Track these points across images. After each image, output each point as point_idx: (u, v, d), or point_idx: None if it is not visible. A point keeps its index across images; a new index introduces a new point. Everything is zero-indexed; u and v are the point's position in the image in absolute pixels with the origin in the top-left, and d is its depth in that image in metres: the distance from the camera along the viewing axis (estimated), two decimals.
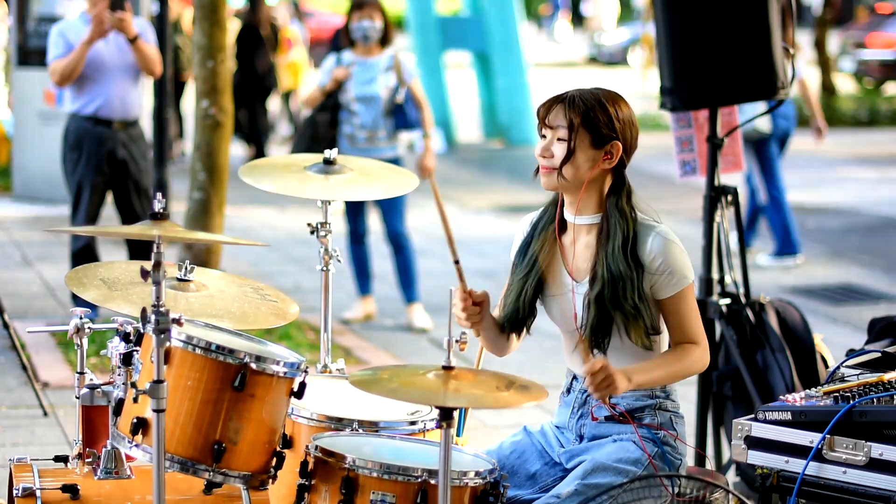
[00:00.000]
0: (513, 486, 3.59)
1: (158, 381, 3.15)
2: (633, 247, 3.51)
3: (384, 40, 7.96)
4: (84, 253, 7.54)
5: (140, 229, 3.36)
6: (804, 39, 21.32)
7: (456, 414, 3.20)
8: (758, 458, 3.57)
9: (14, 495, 3.46)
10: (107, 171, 7.55)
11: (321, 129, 7.88)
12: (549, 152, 3.55)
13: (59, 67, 7.36)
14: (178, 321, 3.16)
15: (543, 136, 3.57)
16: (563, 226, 3.65)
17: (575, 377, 3.68)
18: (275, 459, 3.43)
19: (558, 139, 3.53)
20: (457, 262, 3.48)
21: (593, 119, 3.50)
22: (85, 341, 3.74)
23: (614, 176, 3.58)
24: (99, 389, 3.67)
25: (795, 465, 3.49)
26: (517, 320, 3.65)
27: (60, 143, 7.68)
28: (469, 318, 3.59)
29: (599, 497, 3.33)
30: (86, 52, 7.30)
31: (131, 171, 7.60)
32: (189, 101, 13.31)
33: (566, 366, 3.72)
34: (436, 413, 3.48)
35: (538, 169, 3.62)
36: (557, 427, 3.72)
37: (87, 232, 4.65)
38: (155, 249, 3.18)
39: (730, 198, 5.29)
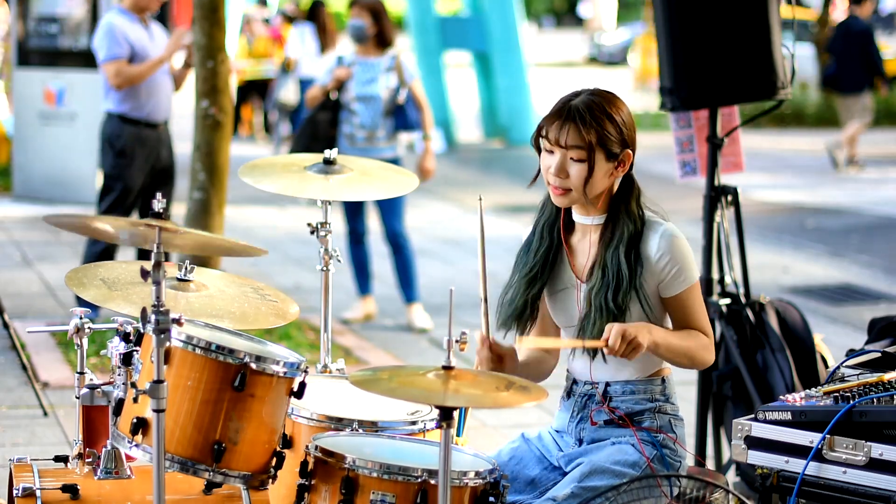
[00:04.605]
0: (513, 491, 3.58)
1: (158, 381, 3.15)
2: (638, 246, 3.51)
3: (384, 41, 7.95)
4: (103, 257, 7.35)
5: None
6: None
7: (456, 414, 3.19)
8: (758, 458, 3.57)
9: (14, 495, 3.46)
10: (152, 171, 7.56)
11: (321, 129, 7.88)
12: (564, 173, 3.49)
13: (128, 74, 7.32)
14: (178, 321, 3.16)
15: (549, 152, 3.52)
16: (570, 225, 3.65)
17: (575, 381, 3.67)
18: (275, 459, 3.43)
19: (573, 159, 3.48)
20: (485, 301, 3.46)
21: (607, 136, 3.47)
22: (85, 341, 3.74)
23: (622, 177, 3.57)
24: (99, 389, 3.67)
25: (795, 465, 3.49)
26: (519, 318, 3.64)
27: (102, 144, 7.56)
28: (483, 364, 3.58)
29: (596, 499, 3.33)
30: (159, 66, 7.37)
31: (172, 167, 7.71)
32: None
33: (566, 367, 3.72)
34: (436, 413, 3.48)
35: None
36: (557, 431, 3.71)
37: (88, 232, 4.62)
38: (155, 249, 3.18)
39: (730, 198, 5.29)
